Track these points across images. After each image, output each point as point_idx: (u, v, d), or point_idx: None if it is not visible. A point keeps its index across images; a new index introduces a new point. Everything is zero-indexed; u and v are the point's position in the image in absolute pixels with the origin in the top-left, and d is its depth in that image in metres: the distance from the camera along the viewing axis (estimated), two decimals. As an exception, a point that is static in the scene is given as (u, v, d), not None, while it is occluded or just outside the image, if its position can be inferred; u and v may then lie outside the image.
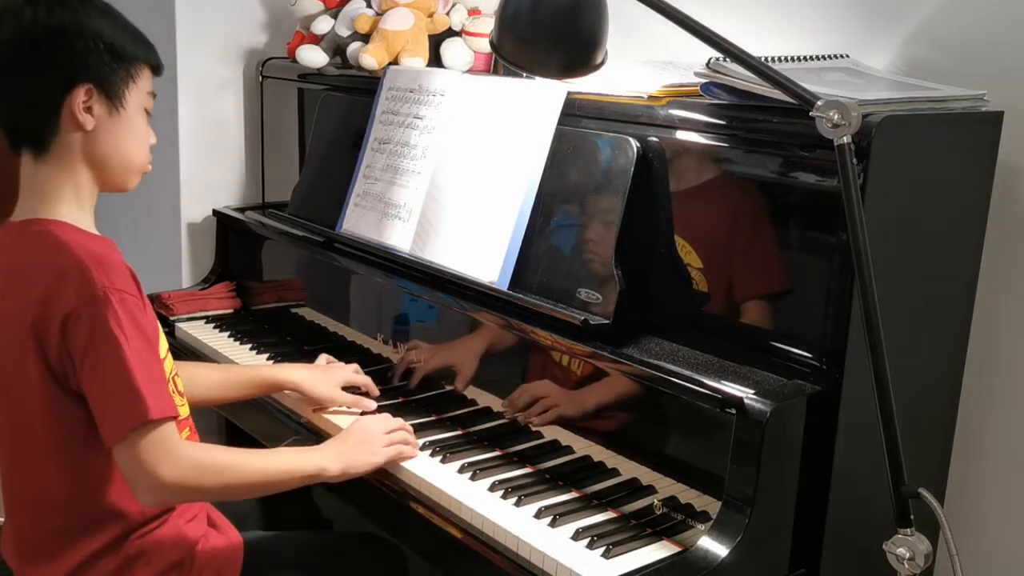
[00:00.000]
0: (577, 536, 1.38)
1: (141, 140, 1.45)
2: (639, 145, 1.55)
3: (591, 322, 1.52)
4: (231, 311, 2.34)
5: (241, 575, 1.52)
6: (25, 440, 1.41)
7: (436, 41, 2.18)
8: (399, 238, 1.89)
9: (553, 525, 1.41)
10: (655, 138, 1.57)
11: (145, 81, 1.44)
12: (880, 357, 1.20)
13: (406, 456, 1.58)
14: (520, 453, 1.61)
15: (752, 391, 1.33)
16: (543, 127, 1.68)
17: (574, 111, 1.68)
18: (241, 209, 2.40)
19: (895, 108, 1.39)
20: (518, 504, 1.46)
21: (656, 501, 1.43)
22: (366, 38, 2.19)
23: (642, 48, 1.90)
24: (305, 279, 2.21)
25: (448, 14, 2.19)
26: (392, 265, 1.89)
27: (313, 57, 2.26)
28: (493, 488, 1.51)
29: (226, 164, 2.54)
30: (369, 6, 2.24)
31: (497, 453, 1.63)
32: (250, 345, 2.12)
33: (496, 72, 2.14)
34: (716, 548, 1.29)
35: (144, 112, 1.45)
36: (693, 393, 1.36)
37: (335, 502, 1.89)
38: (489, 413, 1.70)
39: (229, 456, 1.43)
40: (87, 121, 1.38)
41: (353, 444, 1.55)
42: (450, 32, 2.20)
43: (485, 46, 2.11)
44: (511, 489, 1.50)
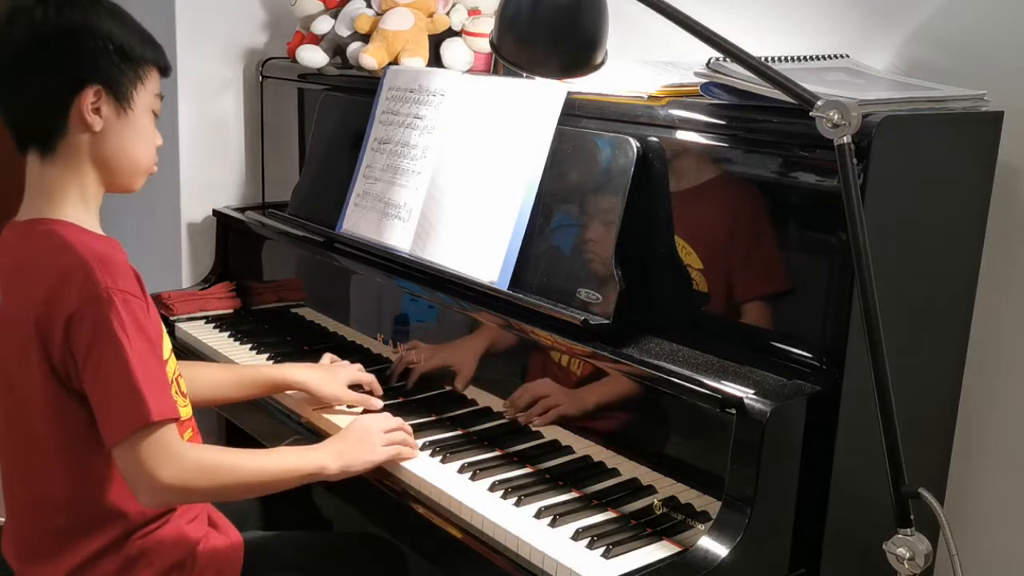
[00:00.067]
0: (577, 536, 1.38)
1: (148, 141, 1.45)
2: (639, 145, 1.55)
3: (591, 322, 1.52)
4: (231, 311, 2.34)
5: (241, 575, 1.53)
6: (27, 440, 1.41)
7: (436, 41, 2.18)
8: (399, 238, 1.89)
9: (553, 525, 1.41)
10: (655, 138, 1.57)
11: (153, 82, 1.44)
12: (880, 357, 1.20)
13: (405, 456, 1.58)
14: (520, 453, 1.61)
15: (752, 391, 1.33)
16: (543, 127, 1.68)
17: (574, 111, 1.68)
18: (241, 209, 2.40)
19: (895, 108, 1.39)
20: (518, 504, 1.46)
21: (656, 501, 1.43)
22: (366, 38, 2.19)
23: (642, 48, 1.90)
24: (305, 279, 2.21)
25: (448, 14, 2.19)
26: (392, 265, 1.89)
27: (313, 57, 2.26)
28: (493, 488, 1.51)
29: (226, 164, 2.54)
30: (369, 6, 2.23)
31: (497, 453, 1.63)
32: (250, 345, 2.12)
33: (496, 72, 2.13)
34: (716, 548, 1.29)
35: (151, 113, 1.45)
36: (693, 393, 1.36)
37: (335, 502, 1.89)
38: (489, 413, 1.70)
39: (229, 457, 1.43)
40: (95, 122, 1.38)
41: (352, 442, 1.55)
42: (450, 32, 2.20)
43: (485, 46, 2.11)
44: (511, 489, 1.50)
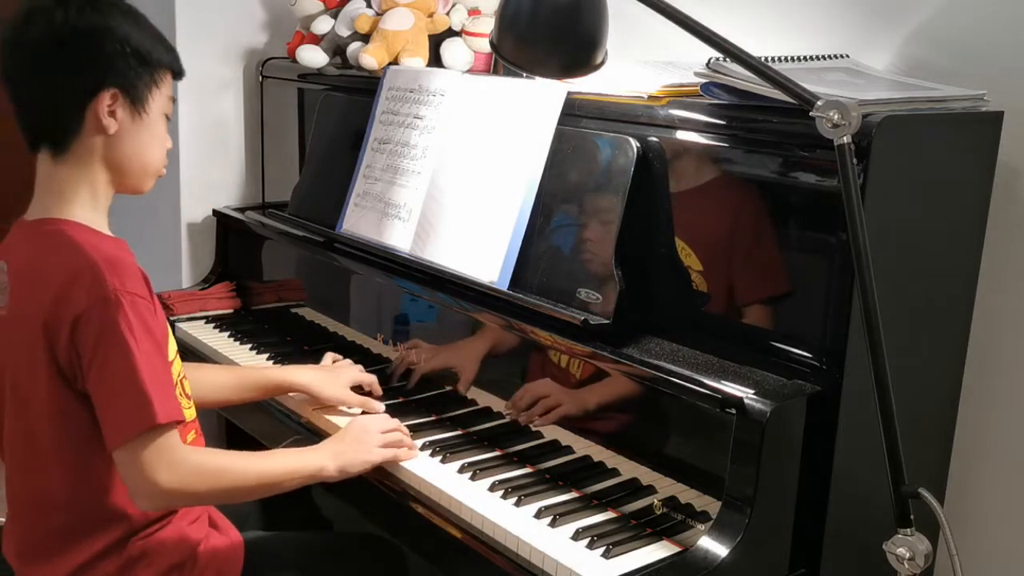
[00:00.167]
0: (577, 536, 1.38)
1: (160, 144, 1.45)
2: (639, 145, 1.55)
3: (591, 322, 1.52)
4: (231, 311, 2.34)
5: (242, 575, 1.52)
6: (29, 439, 1.41)
7: (436, 41, 2.18)
8: (399, 238, 1.88)
9: (553, 525, 1.41)
10: (655, 138, 1.57)
11: (167, 86, 1.45)
12: (880, 357, 1.20)
13: (402, 458, 1.58)
14: (520, 453, 1.61)
15: (752, 391, 1.33)
16: (543, 127, 1.68)
17: (574, 111, 1.68)
18: (241, 209, 2.40)
19: (895, 108, 1.39)
20: (518, 504, 1.46)
21: (656, 501, 1.43)
22: (366, 38, 2.19)
23: (642, 48, 1.90)
24: (305, 279, 2.21)
25: (448, 14, 2.19)
26: (392, 265, 1.89)
27: (313, 57, 2.26)
28: (493, 488, 1.51)
29: (226, 164, 2.54)
30: (369, 6, 2.23)
31: (497, 453, 1.63)
32: (250, 345, 2.11)
33: (496, 72, 2.13)
34: (716, 548, 1.29)
35: (164, 117, 1.45)
36: (693, 393, 1.36)
37: (335, 502, 1.89)
38: (489, 413, 1.70)
39: (228, 460, 1.42)
40: (110, 125, 1.38)
41: (350, 442, 1.55)
42: (450, 32, 2.20)
43: (485, 46, 2.11)
44: (511, 489, 1.50)
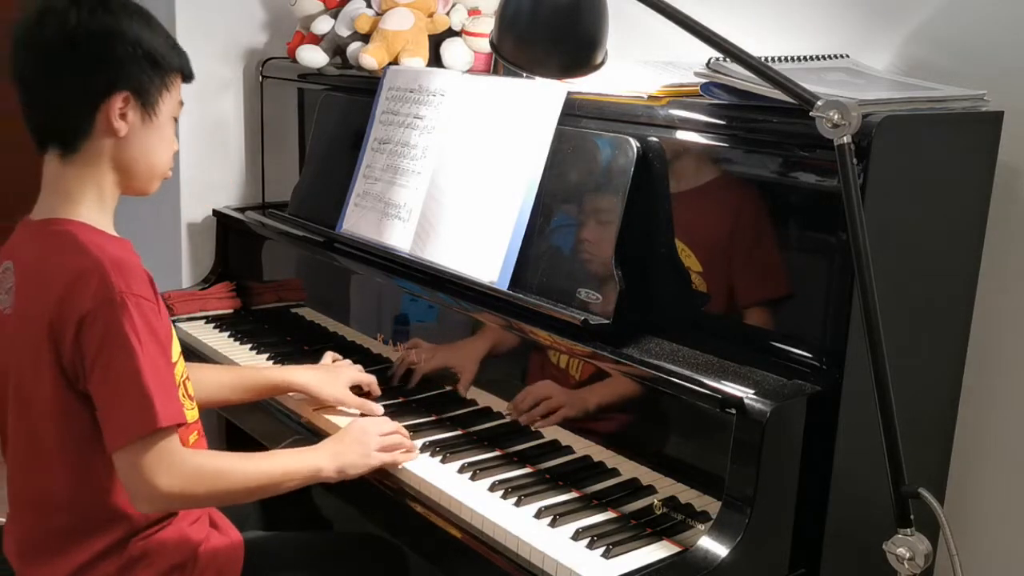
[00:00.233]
0: (577, 536, 1.38)
1: (168, 147, 1.45)
2: (639, 145, 1.55)
3: (591, 322, 1.52)
4: (231, 311, 2.34)
5: (242, 575, 1.52)
6: (32, 439, 1.41)
7: (436, 41, 2.18)
8: (399, 238, 1.88)
9: (553, 525, 1.41)
10: (655, 138, 1.57)
11: (177, 89, 1.45)
12: (880, 357, 1.20)
13: (401, 462, 1.58)
14: (520, 453, 1.61)
15: (752, 391, 1.33)
16: (543, 127, 1.68)
17: (574, 111, 1.68)
18: (241, 209, 2.40)
19: (895, 108, 1.39)
20: (518, 504, 1.46)
21: (656, 501, 1.43)
22: (366, 38, 2.19)
23: (642, 48, 1.90)
24: (305, 279, 2.21)
25: (448, 14, 2.19)
26: (392, 265, 1.89)
27: (313, 57, 2.26)
28: (493, 488, 1.51)
29: (226, 164, 2.54)
30: (369, 6, 2.23)
31: (497, 453, 1.63)
32: (250, 345, 2.11)
33: (496, 72, 2.13)
34: (716, 548, 1.29)
35: (172, 120, 1.45)
36: (693, 393, 1.36)
37: (335, 502, 1.89)
38: (489, 413, 1.70)
39: (227, 463, 1.42)
40: (121, 128, 1.38)
41: (349, 444, 1.55)
42: (450, 32, 2.20)
43: (485, 46, 2.11)
44: (511, 489, 1.50)
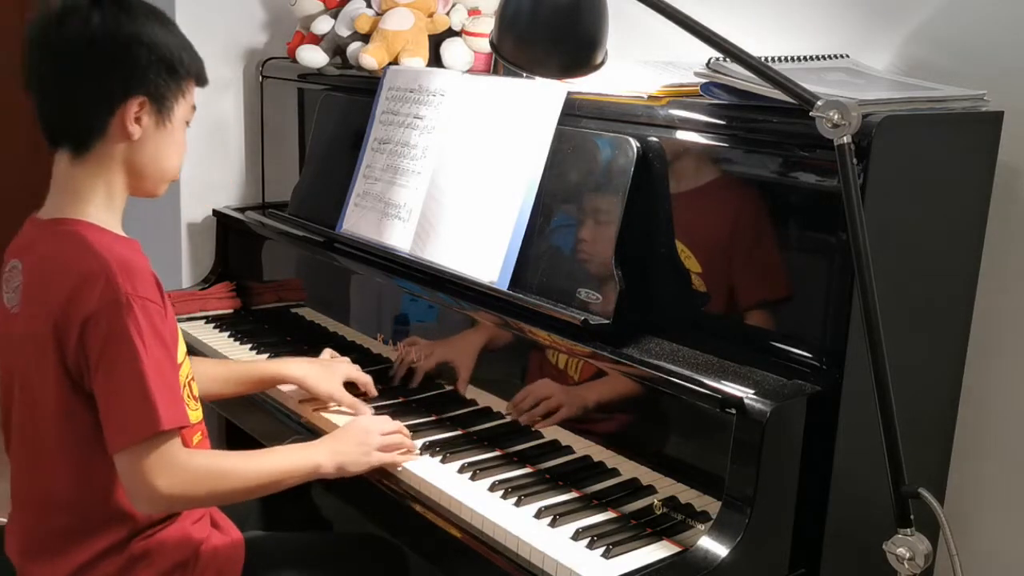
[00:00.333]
0: (577, 536, 1.38)
1: (179, 152, 1.46)
2: (639, 145, 1.55)
3: (591, 322, 1.52)
4: (231, 311, 2.34)
5: (242, 575, 1.52)
6: (36, 438, 1.41)
7: (436, 41, 2.18)
8: (399, 238, 1.88)
9: (553, 525, 1.41)
10: (655, 138, 1.57)
11: (191, 95, 1.45)
12: (880, 357, 1.20)
13: (401, 463, 1.58)
14: (520, 453, 1.61)
15: (752, 391, 1.33)
16: (543, 127, 1.68)
17: (574, 111, 1.68)
18: (241, 209, 2.40)
19: (895, 108, 1.39)
20: (518, 504, 1.46)
21: (656, 501, 1.43)
22: (366, 38, 2.19)
23: (642, 48, 1.90)
24: (305, 279, 2.21)
25: (448, 14, 2.19)
26: (392, 265, 1.89)
27: (313, 57, 2.26)
28: (493, 488, 1.51)
29: (226, 164, 2.54)
30: (369, 6, 2.23)
31: (497, 453, 1.63)
32: (250, 345, 2.11)
33: (496, 72, 2.13)
34: (716, 548, 1.29)
35: (185, 124, 1.45)
36: (693, 393, 1.36)
37: (335, 502, 1.89)
38: (489, 413, 1.70)
39: (227, 462, 1.42)
40: (135, 131, 1.38)
41: (349, 442, 1.55)
42: (450, 32, 2.20)
43: (485, 46, 2.11)
44: (511, 489, 1.50)
